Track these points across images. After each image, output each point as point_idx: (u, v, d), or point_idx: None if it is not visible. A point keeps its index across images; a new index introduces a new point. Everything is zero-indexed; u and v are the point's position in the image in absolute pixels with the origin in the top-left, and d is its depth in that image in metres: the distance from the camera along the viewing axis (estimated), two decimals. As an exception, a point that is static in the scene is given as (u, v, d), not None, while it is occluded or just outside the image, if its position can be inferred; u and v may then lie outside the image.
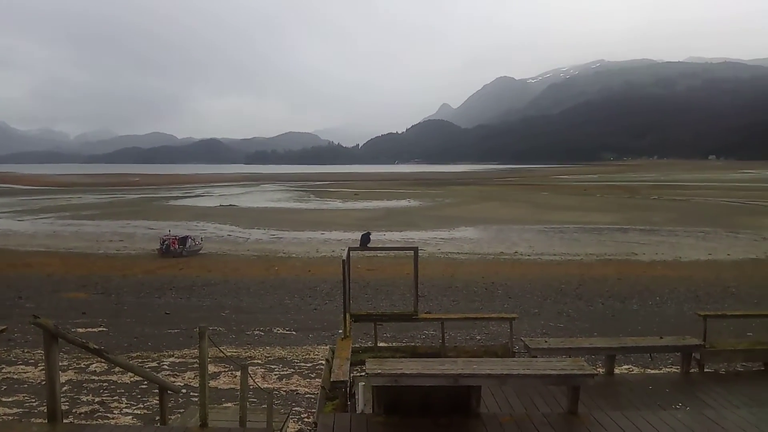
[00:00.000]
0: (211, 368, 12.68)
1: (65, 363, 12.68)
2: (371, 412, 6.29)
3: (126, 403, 10.34)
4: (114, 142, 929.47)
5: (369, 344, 9.52)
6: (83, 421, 8.94)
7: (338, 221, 51.82)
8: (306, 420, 9.37)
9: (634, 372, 11.52)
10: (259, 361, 13.86)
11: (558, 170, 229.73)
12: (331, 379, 6.50)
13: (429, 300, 21.88)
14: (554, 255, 33.89)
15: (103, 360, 9.04)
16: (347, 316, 8.44)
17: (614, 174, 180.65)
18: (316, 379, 11.57)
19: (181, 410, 8.88)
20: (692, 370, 9.12)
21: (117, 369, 11.73)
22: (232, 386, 11.46)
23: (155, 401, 9.65)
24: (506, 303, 22.01)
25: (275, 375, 12.67)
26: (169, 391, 6.60)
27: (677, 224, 48.22)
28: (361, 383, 6.85)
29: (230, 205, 72.21)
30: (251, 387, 9.70)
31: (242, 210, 66.06)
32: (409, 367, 6.04)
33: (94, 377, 12.08)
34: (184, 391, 10.63)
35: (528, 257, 33.40)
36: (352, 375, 7.43)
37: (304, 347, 15.57)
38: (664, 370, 11.60)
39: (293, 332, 17.88)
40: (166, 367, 13.28)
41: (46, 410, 5.33)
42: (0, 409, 9.60)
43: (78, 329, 17.23)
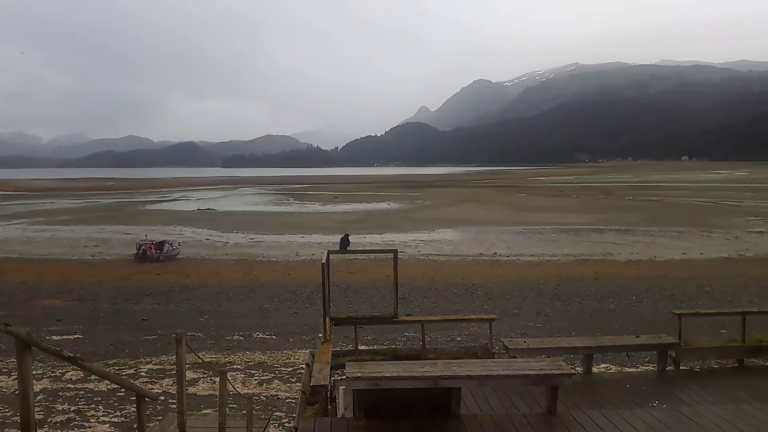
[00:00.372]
0: (190, 374, 12.52)
1: (39, 371, 12.42)
2: (352, 415, 6.29)
3: (103, 412, 10.17)
4: (88, 146, 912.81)
5: (350, 348, 9.49)
6: (59, 431, 8.77)
7: (318, 224, 51.65)
8: (287, 425, 9.32)
9: (612, 370, 11.69)
10: (239, 367, 13.73)
11: (535, 172, 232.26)
12: (311, 384, 6.47)
13: (409, 302, 21.92)
14: (532, 256, 34.24)
15: (78, 368, 8.88)
16: (327, 319, 8.41)
17: (589, 175, 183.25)
18: (297, 384, 11.51)
19: (159, 418, 8.76)
20: (668, 368, 9.29)
21: (93, 377, 11.53)
22: (211, 392, 11.34)
23: (132, 409, 9.50)
24: (486, 304, 22.16)
25: (255, 380, 12.56)
26: (146, 399, 6.48)
27: (652, 224, 49.10)
28: (342, 387, 6.84)
29: (208, 209, 71.47)
30: (231, 393, 9.61)
31: (220, 214, 65.43)
32: (389, 369, 6.05)
33: (69, 385, 11.85)
34: (162, 398, 10.49)
35: (507, 258, 33.68)
36: (332, 379, 7.41)
37: (284, 352, 15.48)
38: (641, 368, 11.79)
39: (273, 337, 17.77)
40: (143, 374, 13.08)
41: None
42: (-29, 421, 9.37)
43: (53, 337, 16.90)
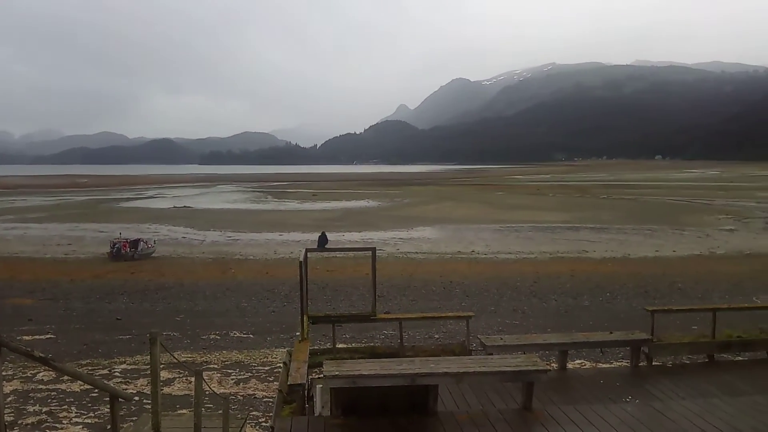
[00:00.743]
0: (165, 374, 12.37)
1: (10, 372, 12.16)
2: (329, 414, 6.28)
3: (75, 413, 10.00)
4: (61, 142, 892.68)
5: (328, 346, 9.48)
6: (29, 433, 8.60)
7: (296, 222, 51.40)
8: (264, 424, 9.27)
9: (586, 366, 11.88)
10: (215, 366, 13.62)
11: (512, 170, 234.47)
12: (289, 383, 6.45)
13: (388, 300, 21.97)
14: (510, 253, 34.56)
15: (50, 368, 8.70)
16: (305, 318, 8.39)
17: (566, 174, 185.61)
18: (274, 383, 11.46)
19: (134, 418, 8.65)
20: (641, 364, 9.46)
21: (66, 377, 11.32)
22: (186, 392, 11.23)
23: (106, 410, 9.36)
24: (464, 301, 22.31)
25: (232, 379, 12.48)
26: (120, 399, 6.39)
27: (626, 222, 49.94)
28: (319, 385, 6.83)
29: (184, 207, 70.58)
30: (206, 393, 9.52)
31: (197, 211, 64.68)
32: (367, 367, 6.06)
33: (41, 386, 11.62)
34: (136, 398, 10.35)
35: (484, 256, 33.94)
36: (310, 377, 7.39)
37: (261, 350, 15.39)
38: (615, 364, 11.99)
39: (251, 335, 17.66)
40: (117, 374, 12.90)
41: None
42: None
43: (24, 337, 16.55)
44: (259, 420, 9.59)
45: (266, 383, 12.12)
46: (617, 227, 46.90)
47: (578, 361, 12.58)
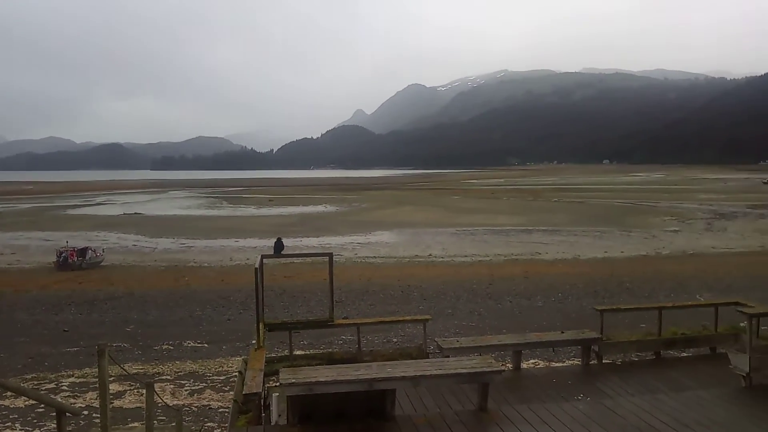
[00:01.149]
0: (116, 387, 12.00)
1: (-55, 391, 11.51)
2: (286, 423, 6.22)
3: (20, 429, 9.57)
4: (5, 147, 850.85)
5: (285, 353, 9.39)
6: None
7: (253, 228, 50.65)
8: (219, 435, 9.09)
9: (540, 366, 12.16)
10: (169, 377, 13.28)
11: (468, 175, 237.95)
12: (244, 392, 6.35)
13: (346, 305, 21.89)
14: (466, 256, 35.03)
15: (-10, 386, 8.30)
16: (261, 325, 8.29)
17: (519, 178, 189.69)
18: (230, 393, 11.24)
19: (82, 434, 8.33)
20: (592, 362, 9.75)
21: (9, 393, 10.81)
22: (138, 405, 10.91)
23: (53, 425, 8.99)
24: (421, 305, 22.45)
25: (186, 390, 12.19)
26: (67, 414, 6.16)
27: (576, 225, 51.42)
28: (275, 394, 6.75)
29: (135, 213, 68.52)
30: (159, 405, 9.27)
31: (148, 218, 62.88)
32: (323, 374, 6.04)
33: (-20, 405, 11.05)
34: (85, 413, 9.99)
35: (441, 259, 34.29)
36: (266, 386, 7.30)
37: (217, 360, 15.10)
38: (567, 363, 12.32)
39: (205, 345, 17.28)
40: (65, 388, 12.41)
41: None
42: None
43: (-39, 353, 15.70)
44: (214, 431, 9.40)
45: (222, 393, 11.90)
46: (568, 229, 48.24)
47: (532, 361, 12.87)
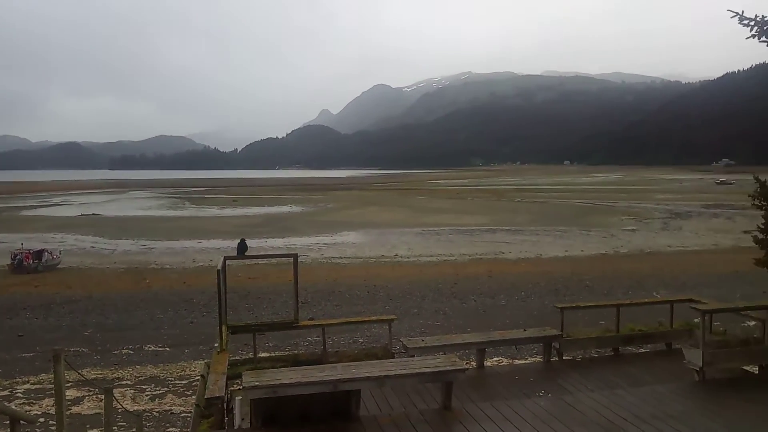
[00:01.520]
0: (73, 393, 11.68)
1: None
2: (249, 426, 6.15)
3: (-32, 441, 9.16)
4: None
5: (249, 356, 9.26)
6: None
7: (216, 229, 49.86)
8: (181, 440, 8.92)
9: (503, 363, 12.34)
10: (129, 382, 12.97)
11: (433, 175, 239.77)
12: (206, 396, 6.25)
13: (312, 306, 21.78)
14: (431, 256, 35.28)
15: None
16: (224, 328, 8.16)
17: (483, 179, 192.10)
18: (193, 397, 11.06)
19: (37, 443, 8.05)
20: (553, 359, 9.94)
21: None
22: (97, 411, 10.62)
23: (5, 436, 8.65)
24: (387, 305, 22.51)
25: (147, 395, 11.94)
26: (22, 422, 5.96)
27: (538, 224, 52.40)
28: (238, 397, 6.67)
29: (93, 214, 66.59)
30: (119, 410, 9.04)
31: (107, 219, 61.20)
32: (288, 376, 5.99)
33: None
34: (41, 420, 9.67)
35: (407, 259, 34.45)
36: (229, 389, 7.20)
37: (179, 364, 14.81)
38: (530, 360, 12.54)
39: (167, 349, 16.92)
40: (20, 395, 11.99)
41: None
42: None
43: None
44: (177, 436, 9.23)
45: (184, 398, 11.69)
46: (530, 229, 49.11)
47: (496, 359, 13.06)
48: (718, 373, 8.27)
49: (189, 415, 10.19)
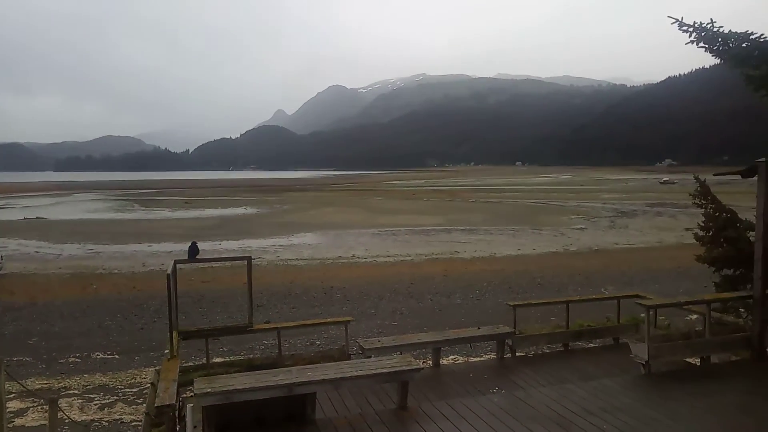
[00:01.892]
0: (17, 404, 11.20)
1: None
2: (202, 433, 6.04)
3: None
4: None
5: (203, 361, 9.09)
6: None
7: (167, 232, 48.54)
8: (132, 450, 8.67)
9: (459, 362, 12.51)
10: (76, 391, 12.50)
11: (389, 176, 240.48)
12: (156, 404, 6.10)
13: (268, 309, 21.49)
14: (388, 256, 35.40)
15: None
16: (174, 334, 7.98)
17: (438, 179, 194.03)
18: (143, 405, 10.76)
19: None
20: (506, 356, 10.18)
21: None
22: (43, 422, 10.17)
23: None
24: (345, 306, 22.44)
25: (95, 405, 11.53)
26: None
27: (492, 224, 53.33)
28: (190, 405, 6.54)
29: (37, 218, 63.69)
30: (65, 421, 8.72)
31: (52, 223, 58.70)
32: (241, 381, 5.91)
33: None
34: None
35: (364, 260, 34.44)
36: (182, 397, 7.05)
37: (129, 371, 14.36)
38: (484, 357, 12.75)
39: (116, 356, 16.37)
40: (-46, 410, 11.33)
41: None
42: None
43: None
44: (127, 446, 8.95)
45: (134, 406, 11.35)
46: (485, 228, 49.94)
47: (452, 357, 13.21)
48: (663, 366, 8.64)
49: (140, 423, 9.92)
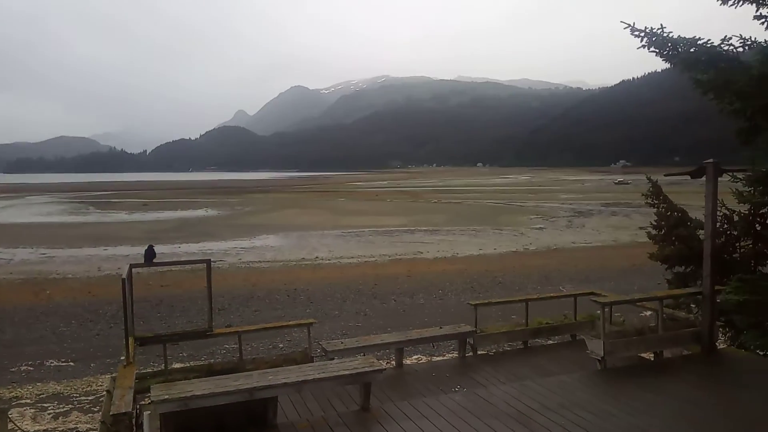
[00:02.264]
0: (-39, 419, 10.68)
1: None
2: (160, 441, 5.91)
3: None
4: None
5: (161, 368, 8.89)
6: None
7: (124, 235, 47.23)
8: (87, 461, 8.41)
9: (422, 361, 12.60)
10: (29, 401, 12.05)
11: (352, 177, 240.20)
12: (112, 412, 5.94)
13: (230, 312, 21.16)
14: (352, 258, 35.35)
15: None
16: (130, 340, 7.78)
17: (401, 180, 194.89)
18: (99, 414, 10.45)
19: None
20: (468, 354, 10.31)
21: None
22: (-10, 436, 9.76)
23: None
24: (308, 308, 22.30)
25: (49, 414, 11.15)
26: None
27: (454, 224, 53.92)
28: (147, 412, 6.40)
29: (-16, 222, 61.11)
30: (16, 431, 8.38)
31: (2, 226, 56.30)
32: (200, 387, 5.81)
33: None
34: None
35: (328, 261, 34.30)
36: (139, 404, 6.88)
37: (84, 379, 13.92)
38: (447, 357, 12.88)
39: (71, 363, 15.84)
40: None
41: None
42: None
43: None
44: (82, 457, 8.68)
45: (90, 414, 11.02)
46: (447, 229, 50.45)
47: (415, 357, 13.30)
48: (618, 362, 8.91)
49: (95, 433, 9.64)
